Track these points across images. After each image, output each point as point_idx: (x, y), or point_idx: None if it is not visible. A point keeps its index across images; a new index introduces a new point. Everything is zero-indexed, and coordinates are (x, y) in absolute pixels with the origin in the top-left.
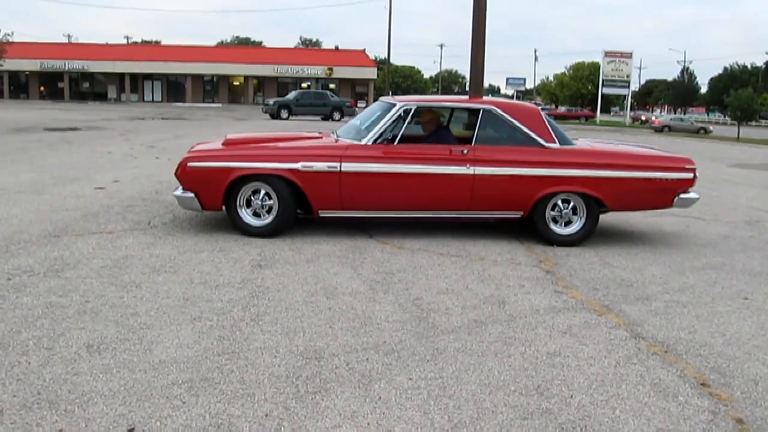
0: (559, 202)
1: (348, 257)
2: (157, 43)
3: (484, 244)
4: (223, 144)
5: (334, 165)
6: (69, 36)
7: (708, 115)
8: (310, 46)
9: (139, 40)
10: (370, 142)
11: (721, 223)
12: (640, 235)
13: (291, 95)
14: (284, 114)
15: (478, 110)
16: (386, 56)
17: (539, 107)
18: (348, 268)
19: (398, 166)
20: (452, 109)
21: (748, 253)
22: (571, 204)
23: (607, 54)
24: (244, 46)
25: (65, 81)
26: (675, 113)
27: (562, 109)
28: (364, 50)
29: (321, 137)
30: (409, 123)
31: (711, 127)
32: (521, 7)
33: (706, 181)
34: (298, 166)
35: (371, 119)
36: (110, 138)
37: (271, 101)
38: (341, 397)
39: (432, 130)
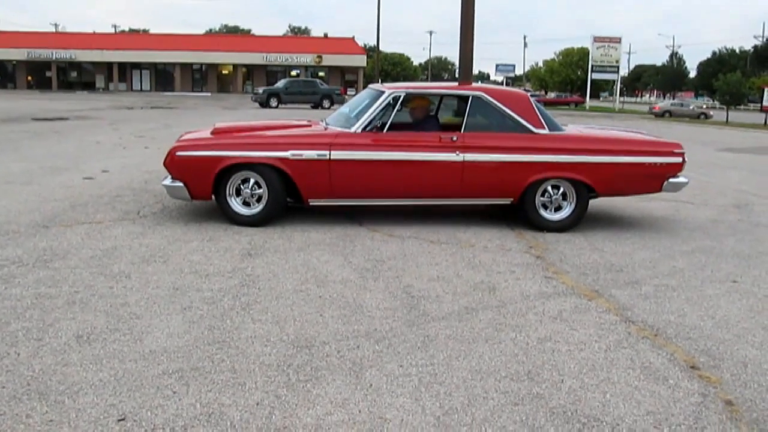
0: (549, 188)
1: (338, 245)
2: (146, 31)
3: (474, 231)
4: (211, 133)
5: (324, 153)
6: (56, 25)
7: (696, 99)
8: (299, 33)
9: (127, 29)
10: (359, 130)
11: (710, 207)
12: (630, 219)
13: (280, 83)
14: (273, 102)
15: (467, 97)
16: (375, 44)
17: (528, 93)
18: (338, 257)
19: (388, 153)
20: (442, 96)
21: (736, 236)
22: (561, 190)
23: (596, 39)
24: (232, 35)
25: (53, 70)
26: (664, 98)
27: (551, 95)
28: (353, 38)
29: (310, 125)
30: (398, 110)
31: (711, 113)
32: None
33: (694, 166)
34: (288, 154)
35: (360, 107)
36: (99, 128)
37: (260, 90)
38: (332, 385)
39: (421, 117)
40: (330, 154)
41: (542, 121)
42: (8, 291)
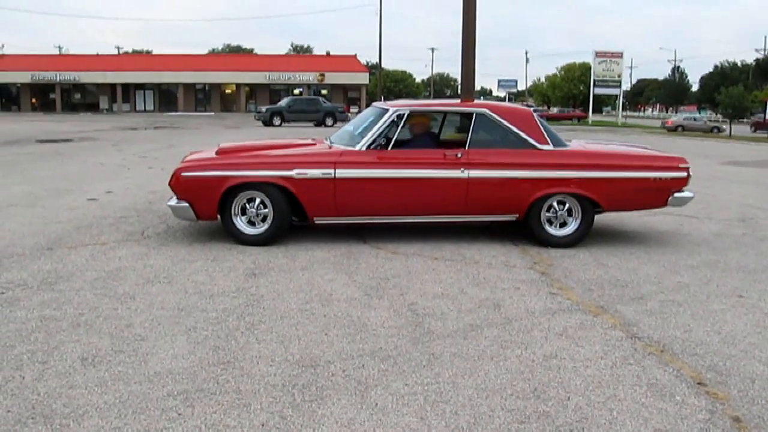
0: (555, 204)
1: (342, 263)
2: (148, 52)
3: (478, 248)
4: (216, 153)
5: (329, 171)
6: (60, 47)
7: (699, 113)
8: (301, 52)
9: (130, 50)
10: (363, 148)
11: (715, 221)
12: (634, 234)
13: (283, 102)
14: (277, 121)
15: (471, 114)
16: (378, 61)
17: (531, 109)
18: (343, 275)
19: (393, 171)
20: (445, 113)
21: (741, 250)
22: (566, 205)
23: (598, 54)
24: (235, 54)
25: (57, 92)
26: (666, 112)
27: (554, 110)
28: (355, 55)
29: (315, 144)
30: (402, 128)
31: (724, 126)
32: (511, 9)
33: (698, 179)
34: (293, 173)
35: (364, 125)
36: (102, 149)
37: (263, 108)
38: (338, 404)
39: (426, 134)
40: (335, 173)
41: (546, 137)
42: (13, 314)
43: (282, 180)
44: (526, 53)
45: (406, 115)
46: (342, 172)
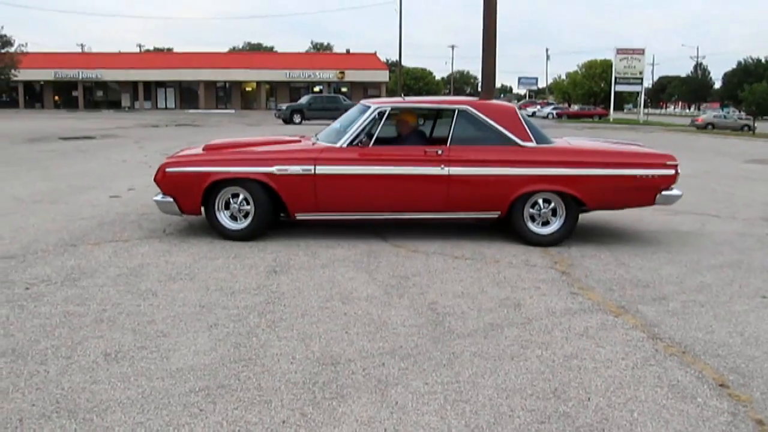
0: (539, 202)
1: (363, 262)
2: (170, 50)
3: (498, 247)
4: (203, 149)
5: (309, 168)
6: (82, 45)
7: (722, 110)
8: (321, 50)
9: (151, 48)
10: (345, 145)
11: (737, 220)
12: (655, 234)
13: (303, 99)
14: (297, 119)
15: (453, 110)
16: (398, 58)
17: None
18: (363, 273)
19: (373, 167)
20: (428, 110)
21: (765, 250)
22: (551, 203)
23: (619, 51)
24: (255, 52)
25: (79, 90)
26: (689, 109)
27: (575, 107)
28: (375, 53)
29: (300, 141)
30: (384, 125)
31: (756, 124)
32: (532, 6)
33: (721, 178)
34: (273, 169)
35: (348, 122)
36: (124, 146)
37: (283, 106)
38: (358, 402)
39: (408, 131)
40: (315, 169)
41: (529, 133)
42: (37, 309)
43: (263, 176)
44: (547, 50)
45: (387, 112)
46: (322, 169)
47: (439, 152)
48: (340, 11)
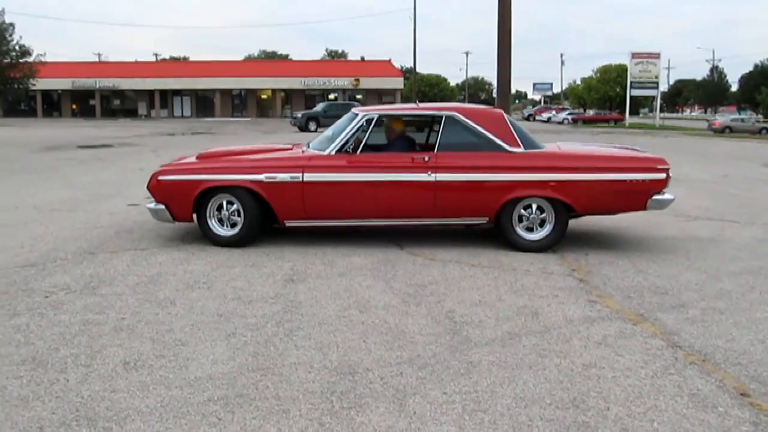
0: (528, 207)
1: (380, 270)
2: (186, 59)
3: (515, 255)
4: (197, 157)
5: (297, 175)
6: (99, 55)
7: (739, 113)
8: (336, 57)
9: (167, 57)
10: (333, 152)
11: (757, 225)
12: (673, 240)
13: (319, 107)
14: (312, 126)
15: (440, 117)
16: (412, 65)
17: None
18: (380, 281)
19: (360, 175)
20: (416, 117)
21: None
22: (540, 209)
23: (635, 55)
24: (270, 60)
25: (96, 98)
26: (705, 113)
27: (590, 112)
28: (389, 60)
29: (292, 149)
30: (372, 132)
31: None
32: (546, 11)
33: (740, 182)
34: (262, 177)
35: (339, 130)
36: (142, 154)
37: (299, 114)
38: (376, 412)
39: (395, 138)
40: (303, 177)
41: (517, 139)
42: (57, 317)
43: (252, 184)
44: (561, 55)
45: (375, 120)
46: (310, 176)
47: (426, 159)
48: (354, 19)
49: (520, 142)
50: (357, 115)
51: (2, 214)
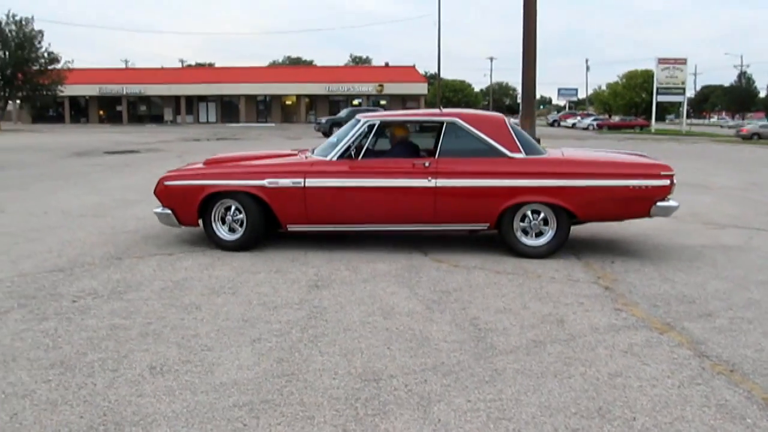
0: (529, 213)
1: (404, 276)
2: (211, 65)
3: (540, 261)
4: (204, 163)
5: (299, 181)
6: (126, 61)
7: (767, 119)
8: (360, 63)
9: (193, 63)
10: (335, 158)
11: None
12: (700, 248)
13: (343, 113)
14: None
15: (441, 123)
16: (436, 71)
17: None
18: (404, 288)
19: (361, 180)
20: (417, 123)
21: None
22: (541, 215)
23: (661, 61)
24: (295, 66)
25: (123, 104)
26: (732, 119)
27: (616, 118)
28: (414, 66)
29: (296, 155)
30: (374, 138)
31: None
32: (571, 17)
33: (766, 190)
34: (265, 182)
35: (342, 136)
36: (167, 159)
37: (323, 119)
38: (400, 419)
39: (397, 144)
40: (305, 182)
41: (518, 144)
42: (85, 322)
43: (255, 189)
44: (587, 61)
45: (376, 126)
46: (312, 182)
47: (427, 164)
48: (378, 25)
49: (521, 148)
50: (359, 121)
51: (32, 219)
